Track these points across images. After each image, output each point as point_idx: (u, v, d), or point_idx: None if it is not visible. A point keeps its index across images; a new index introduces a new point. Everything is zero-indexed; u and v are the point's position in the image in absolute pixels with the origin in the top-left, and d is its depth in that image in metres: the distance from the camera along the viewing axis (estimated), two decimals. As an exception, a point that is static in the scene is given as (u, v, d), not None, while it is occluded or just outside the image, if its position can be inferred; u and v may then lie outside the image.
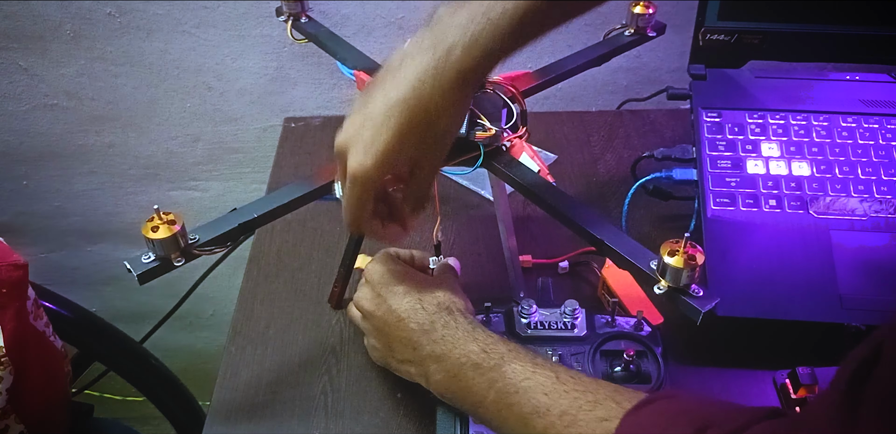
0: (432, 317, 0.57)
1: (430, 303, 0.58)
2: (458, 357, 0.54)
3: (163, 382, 0.98)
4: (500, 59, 0.53)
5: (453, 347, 0.55)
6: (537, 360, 0.54)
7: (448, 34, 0.51)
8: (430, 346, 0.56)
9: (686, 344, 0.69)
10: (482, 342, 0.55)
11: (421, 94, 0.51)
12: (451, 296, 0.59)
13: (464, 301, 0.61)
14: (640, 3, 0.77)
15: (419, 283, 0.60)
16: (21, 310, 0.69)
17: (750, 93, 0.81)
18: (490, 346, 0.54)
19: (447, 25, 0.51)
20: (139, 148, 1.18)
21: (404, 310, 0.58)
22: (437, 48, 0.51)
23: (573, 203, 0.60)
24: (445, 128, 0.54)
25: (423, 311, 0.58)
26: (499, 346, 0.54)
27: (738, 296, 0.67)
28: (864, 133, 0.77)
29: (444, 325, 0.56)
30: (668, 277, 0.52)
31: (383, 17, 1.03)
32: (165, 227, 0.53)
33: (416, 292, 0.59)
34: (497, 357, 0.53)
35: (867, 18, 0.78)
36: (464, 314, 0.58)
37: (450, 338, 0.56)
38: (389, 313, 0.59)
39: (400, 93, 0.51)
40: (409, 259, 0.66)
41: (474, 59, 0.51)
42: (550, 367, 0.53)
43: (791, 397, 0.62)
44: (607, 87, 1.13)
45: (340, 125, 0.54)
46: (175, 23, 1.03)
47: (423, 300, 0.58)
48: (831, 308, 0.67)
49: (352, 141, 0.53)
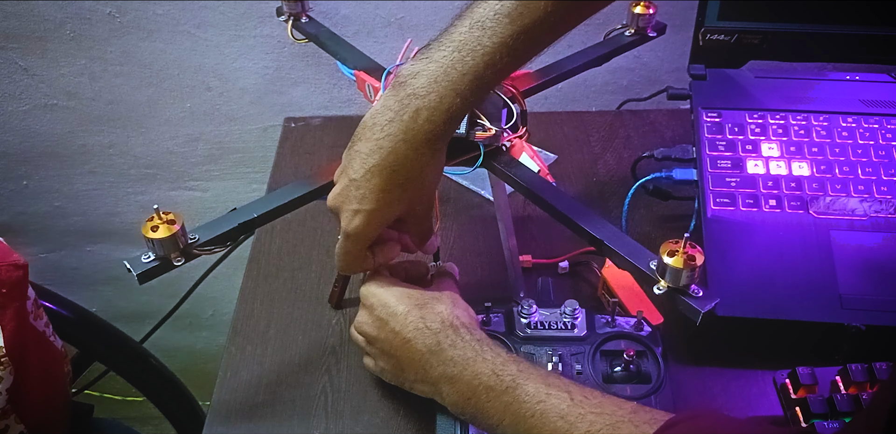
0: (438, 337, 0.56)
1: (433, 320, 0.57)
2: (469, 379, 0.54)
3: (163, 382, 0.98)
4: (464, 114, 0.57)
5: (463, 369, 0.54)
6: (549, 379, 0.53)
7: (413, 98, 0.54)
8: (440, 368, 0.55)
9: (686, 344, 0.69)
10: (492, 362, 0.54)
11: (395, 158, 0.55)
12: (454, 309, 0.59)
13: (466, 311, 0.60)
14: (640, 3, 0.77)
15: (419, 300, 0.59)
16: (21, 310, 0.69)
17: (750, 93, 0.81)
18: (500, 366, 0.54)
19: (412, 88, 0.54)
20: (139, 148, 1.18)
21: (409, 331, 0.57)
22: (405, 113, 0.54)
23: (573, 203, 0.60)
24: (425, 182, 0.58)
25: (428, 330, 0.57)
26: (509, 367, 0.54)
27: (738, 296, 0.67)
28: (864, 133, 0.77)
29: (452, 346, 0.55)
30: (667, 278, 0.52)
31: (383, 17, 1.03)
32: (165, 226, 0.53)
33: (417, 311, 0.58)
34: (509, 379, 0.53)
35: (867, 18, 0.78)
36: (469, 330, 0.57)
37: (459, 359, 0.55)
38: (394, 336, 0.58)
39: (377, 158, 0.55)
40: (402, 273, 0.66)
41: (440, 121, 0.54)
42: (563, 387, 0.52)
43: (791, 397, 0.62)
44: (607, 87, 1.13)
45: (340, 125, 0.55)
46: (175, 23, 1.03)
47: (426, 318, 0.57)
48: (831, 308, 0.67)
49: (341, 202, 0.57)
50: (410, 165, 0.55)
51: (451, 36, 0.55)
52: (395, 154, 0.55)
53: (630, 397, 0.59)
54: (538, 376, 0.53)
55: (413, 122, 0.54)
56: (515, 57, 0.55)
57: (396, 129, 0.54)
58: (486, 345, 0.56)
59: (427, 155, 0.56)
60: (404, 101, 0.54)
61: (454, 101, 0.54)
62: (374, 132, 0.55)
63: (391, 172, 0.55)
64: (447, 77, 0.54)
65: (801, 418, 0.61)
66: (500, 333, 0.63)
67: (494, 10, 0.54)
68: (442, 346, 0.56)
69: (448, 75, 0.54)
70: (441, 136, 0.55)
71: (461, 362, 0.54)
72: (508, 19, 0.54)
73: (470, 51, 0.54)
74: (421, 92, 0.54)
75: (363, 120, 0.57)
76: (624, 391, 0.60)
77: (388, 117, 0.55)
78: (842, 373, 0.62)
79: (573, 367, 0.61)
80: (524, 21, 0.54)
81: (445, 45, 0.55)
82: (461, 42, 0.54)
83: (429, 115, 0.54)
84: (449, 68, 0.54)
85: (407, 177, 0.56)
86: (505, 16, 0.54)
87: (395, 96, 0.55)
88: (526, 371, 0.53)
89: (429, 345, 0.56)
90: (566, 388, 0.52)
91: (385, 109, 0.55)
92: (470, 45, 0.54)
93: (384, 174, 0.55)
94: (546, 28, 0.55)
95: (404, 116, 0.54)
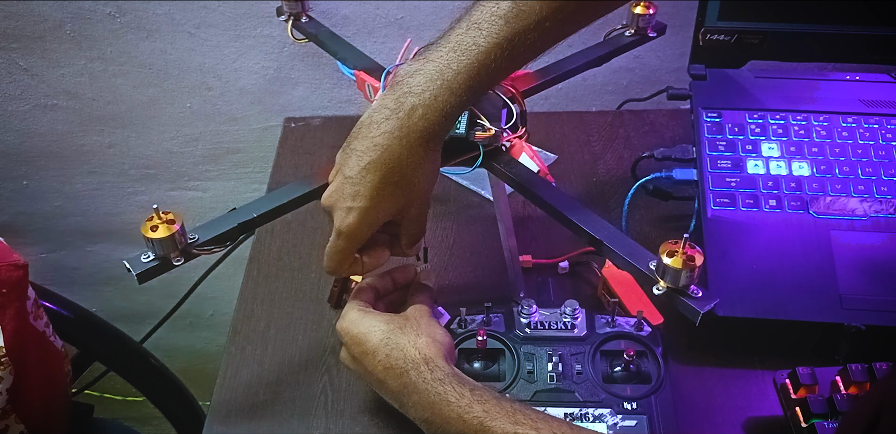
0: (403, 379, 0.56)
1: (397, 358, 0.57)
2: (440, 424, 0.54)
3: (163, 382, 0.98)
4: (460, 113, 0.58)
5: (431, 414, 0.54)
6: (517, 417, 0.52)
7: (409, 96, 0.55)
8: (413, 410, 0.56)
9: (686, 344, 0.69)
10: (456, 405, 0.53)
11: (391, 155, 0.55)
12: (416, 339, 0.58)
13: (430, 337, 0.58)
14: (640, 3, 0.77)
15: (385, 335, 0.58)
16: (21, 310, 0.69)
17: (750, 93, 0.81)
18: (465, 409, 0.53)
19: (408, 86, 0.55)
20: (139, 148, 1.18)
21: (379, 371, 0.57)
22: (401, 111, 0.55)
23: (573, 203, 0.60)
24: (420, 182, 0.58)
25: (395, 370, 0.56)
26: (474, 409, 0.53)
27: (738, 296, 0.67)
28: (864, 133, 0.77)
29: (415, 390, 0.55)
30: (667, 278, 0.52)
31: (383, 17, 1.03)
32: (165, 226, 0.53)
33: (383, 348, 0.57)
34: (476, 423, 0.52)
35: (867, 18, 0.78)
36: (431, 367, 0.56)
37: (425, 403, 0.55)
38: (369, 375, 0.59)
39: (372, 155, 0.55)
40: (388, 287, 0.65)
41: (435, 119, 0.55)
42: (531, 424, 0.51)
43: (791, 397, 0.62)
44: (607, 87, 1.13)
45: (340, 125, 0.55)
46: (175, 23, 1.03)
47: (391, 356, 0.57)
48: (831, 308, 0.67)
49: (335, 200, 0.57)
50: (405, 163, 0.56)
51: (449, 36, 0.56)
52: (390, 151, 0.55)
53: (630, 397, 0.59)
54: (505, 415, 0.52)
55: (408, 119, 0.55)
56: (511, 59, 0.56)
57: (392, 126, 0.55)
58: (448, 384, 0.55)
59: (422, 153, 0.56)
60: (400, 99, 0.55)
61: (448, 100, 0.54)
62: (370, 130, 0.56)
63: (387, 170, 0.55)
64: (442, 75, 0.54)
65: (801, 418, 0.61)
66: (500, 333, 0.63)
67: (491, 11, 0.55)
68: (409, 389, 0.56)
69: (443, 74, 0.54)
70: (436, 134, 0.56)
71: (428, 407, 0.55)
72: (503, 21, 0.54)
73: (465, 50, 0.55)
74: (416, 90, 0.55)
75: (361, 119, 0.57)
76: (624, 391, 0.60)
77: (385, 115, 0.55)
78: (842, 373, 0.62)
79: (573, 367, 0.61)
80: (519, 23, 0.55)
81: (442, 46, 0.56)
82: (457, 42, 0.55)
83: (424, 112, 0.54)
84: (444, 67, 0.55)
85: (402, 174, 0.56)
86: (500, 17, 0.55)
87: (393, 95, 0.56)
88: (492, 411, 0.52)
89: (398, 386, 0.56)
90: (534, 425, 0.51)
91: (381, 108, 0.56)
92: (465, 44, 0.55)
93: (380, 171, 0.55)
94: (541, 32, 0.55)
95: (400, 114, 0.55)
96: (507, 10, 0.55)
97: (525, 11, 0.55)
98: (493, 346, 0.63)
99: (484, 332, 0.62)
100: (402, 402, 0.57)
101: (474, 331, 0.63)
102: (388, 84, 0.57)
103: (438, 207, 0.86)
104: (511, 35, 0.55)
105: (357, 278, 0.78)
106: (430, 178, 0.59)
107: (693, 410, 0.66)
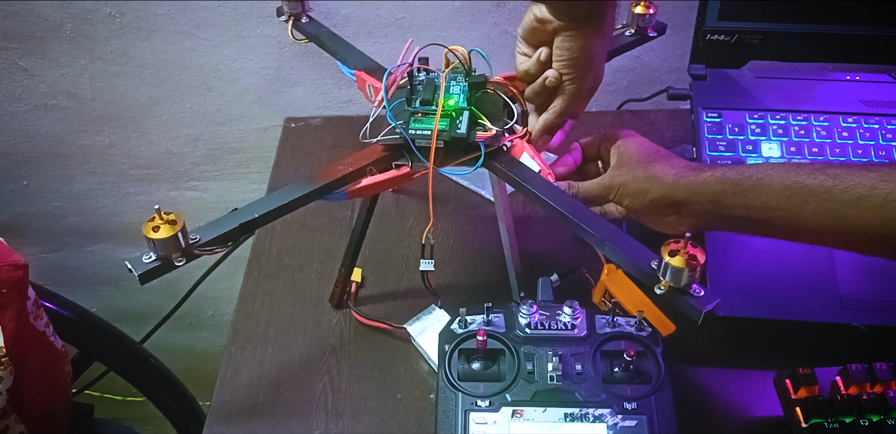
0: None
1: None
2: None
3: (163, 382, 0.98)
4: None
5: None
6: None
7: None
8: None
9: (686, 344, 0.69)
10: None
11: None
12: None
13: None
14: (640, 3, 0.77)
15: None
16: (21, 310, 0.69)
17: (750, 93, 0.81)
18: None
19: None
20: (139, 148, 1.18)
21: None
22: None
23: (573, 203, 0.60)
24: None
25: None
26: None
27: (739, 296, 0.67)
28: (864, 133, 0.77)
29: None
30: (668, 277, 0.52)
31: (383, 17, 1.02)
32: (166, 226, 0.53)
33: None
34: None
35: (867, 18, 0.78)
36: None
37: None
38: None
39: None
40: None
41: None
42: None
43: (791, 397, 0.62)
44: (607, 87, 1.13)
45: (340, 125, 0.54)
46: (175, 23, 1.03)
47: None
48: (831, 308, 0.67)
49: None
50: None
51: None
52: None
53: (630, 397, 0.59)
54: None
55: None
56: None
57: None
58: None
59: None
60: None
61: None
62: None
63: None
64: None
65: (802, 418, 0.61)
66: (500, 333, 0.63)
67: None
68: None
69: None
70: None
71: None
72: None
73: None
74: None
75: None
76: (624, 391, 0.60)
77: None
78: (842, 373, 0.62)
79: (573, 367, 0.61)
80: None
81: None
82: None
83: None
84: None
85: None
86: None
87: None
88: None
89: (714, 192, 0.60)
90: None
91: None
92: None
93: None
94: None
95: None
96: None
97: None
98: (494, 346, 0.62)
99: (484, 332, 0.61)
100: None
101: (474, 331, 0.63)
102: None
103: (439, 207, 0.86)
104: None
105: (357, 278, 0.78)
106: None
107: (693, 410, 0.66)
